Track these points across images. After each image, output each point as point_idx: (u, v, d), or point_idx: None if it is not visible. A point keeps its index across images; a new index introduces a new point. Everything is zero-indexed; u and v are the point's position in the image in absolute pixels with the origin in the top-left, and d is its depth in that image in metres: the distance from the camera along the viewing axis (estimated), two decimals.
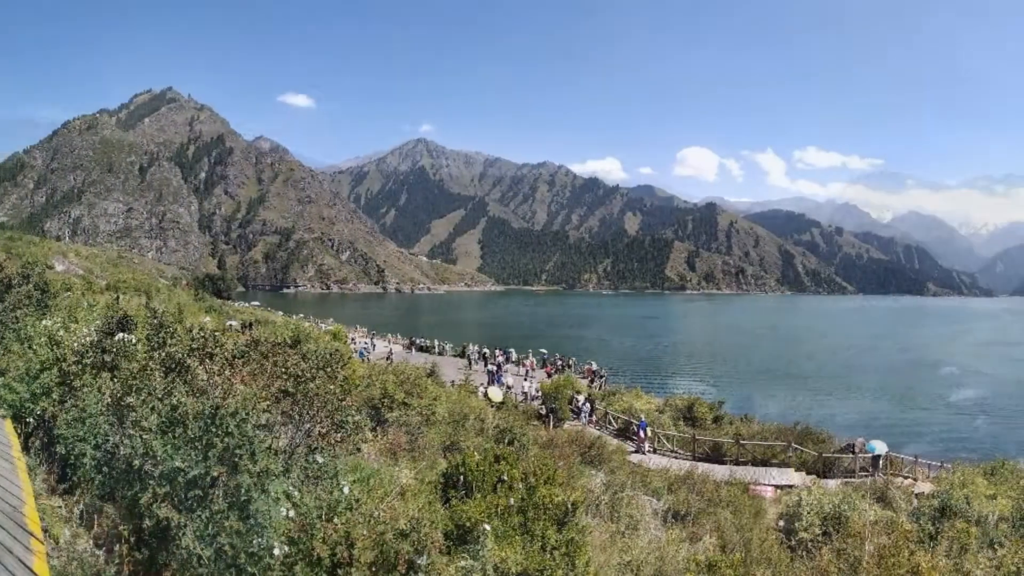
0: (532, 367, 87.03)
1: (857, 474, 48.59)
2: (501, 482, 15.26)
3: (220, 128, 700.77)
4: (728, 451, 51.76)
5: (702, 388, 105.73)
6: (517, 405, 60.15)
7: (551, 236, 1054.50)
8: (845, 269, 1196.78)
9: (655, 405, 65.56)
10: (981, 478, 39.73)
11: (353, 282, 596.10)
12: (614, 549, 19.44)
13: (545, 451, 33.23)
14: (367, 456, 19.18)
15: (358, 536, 8.13)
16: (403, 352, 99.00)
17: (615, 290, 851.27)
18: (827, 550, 17.20)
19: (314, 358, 15.21)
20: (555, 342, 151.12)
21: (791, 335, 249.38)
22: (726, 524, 28.05)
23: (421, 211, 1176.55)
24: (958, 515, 30.74)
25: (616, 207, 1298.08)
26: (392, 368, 38.44)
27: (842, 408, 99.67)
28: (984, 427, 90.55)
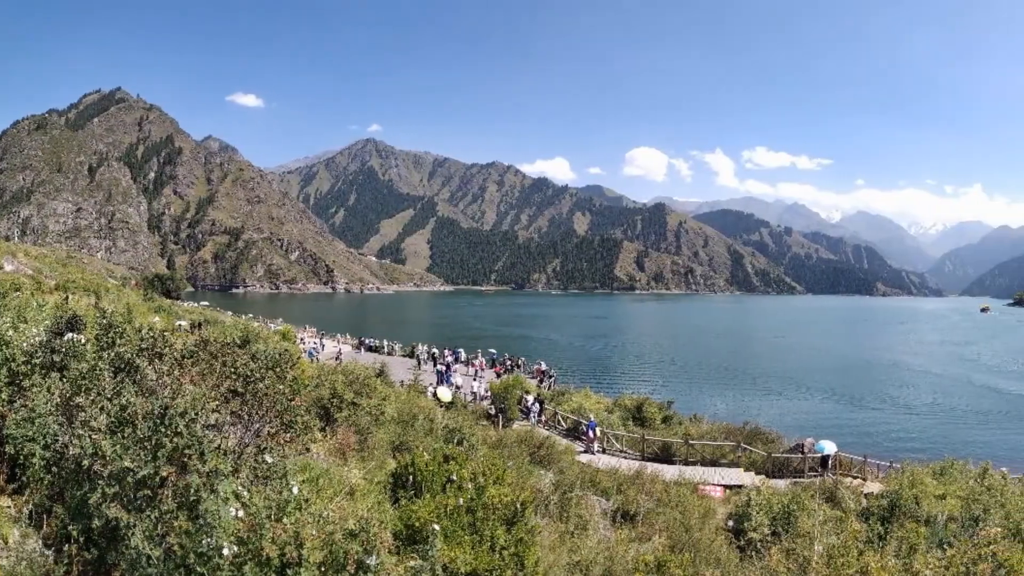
0: (481, 367, 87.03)
1: (806, 474, 49.02)
2: (450, 482, 15.34)
3: (169, 128, 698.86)
4: (677, 451, 52.04)
5: (651, 388, 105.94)
6: (466, 405, 60.25)
7: (500, 236, 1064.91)
8: (794, 269, 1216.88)
9: (604, 405, 65.74)
10: (930, 478, 40.05)
11: (302, 282, 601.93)
12: (563, 549, 19.55)
13: (494, 451, 33.30)
14: (316, 456, 19.14)
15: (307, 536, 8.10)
16: (352, 352, 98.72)
17: (564, 290, 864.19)
18: (776, 550, 17.12)
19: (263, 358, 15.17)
20: (504, 342, 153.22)
21: (740, 335, 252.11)
22: (675, 524, 28.29)
23: (370, 211, 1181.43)
24: (907, 515, 31.12)
25: (565, 207, 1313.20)
26: (341, 368, 38.20)
27: (791, 408, 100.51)
28: (933, 427, 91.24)
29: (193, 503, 8.20)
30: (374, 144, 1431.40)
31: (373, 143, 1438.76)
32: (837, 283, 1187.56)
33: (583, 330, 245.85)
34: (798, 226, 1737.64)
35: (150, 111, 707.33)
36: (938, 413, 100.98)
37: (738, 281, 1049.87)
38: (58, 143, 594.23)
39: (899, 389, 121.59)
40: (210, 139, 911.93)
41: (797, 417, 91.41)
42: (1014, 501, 32.17)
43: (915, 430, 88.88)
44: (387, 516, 13.46)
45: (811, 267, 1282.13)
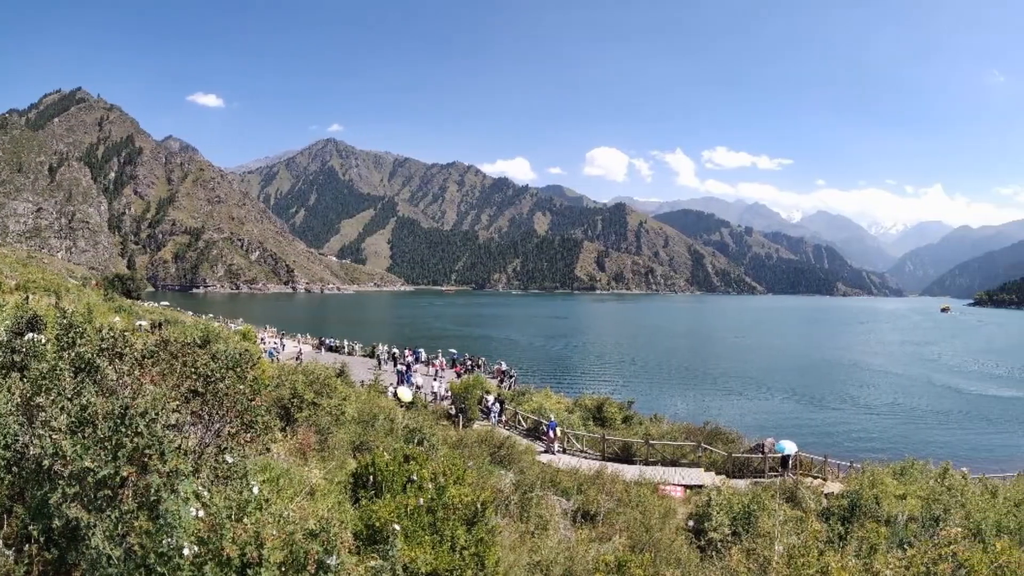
0: (442, 367, 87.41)
1: (767, 474, 49.35)
2: (411, 482, 15.32)
3: (130, 128, 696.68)
4: (638, 451, 52.26)
5: (612, 388, 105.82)
6: (427, 405, 60.39)
7: (461, 236, 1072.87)
8: (755, 269, 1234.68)
9: (565, 405, 65.94)
10: (890, 478, 40.41)
11: (263, 282, 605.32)
12: (524, 549, 19.60)
13: (455, 451, 33.36)
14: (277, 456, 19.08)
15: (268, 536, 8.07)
16: (313, 352, 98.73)
17: (525, 290, 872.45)
18: (737, 550, 17.22)
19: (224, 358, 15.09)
20: (465, 342, 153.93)
21: (701, 335, 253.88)
22: (636, 524, 28.38)
23: (331, 211, 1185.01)
24: (868, 515, 31.29)
25: (526, 207, 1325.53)
26: (302, 368, 38.08)
27: (752, 408, 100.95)
28: (894, 427, 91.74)
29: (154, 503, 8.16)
30: (334, 144, 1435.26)
31: (333, 143, 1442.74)
32: (798, 283, 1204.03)
33: (544, 330, 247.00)
34: (759, 226, 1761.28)
35: (110, 111, 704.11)
36: (898, 413, 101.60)
37: (699, 281, 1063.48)
38: (18, 143, 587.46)
39: (859, 389, 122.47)
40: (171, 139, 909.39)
41: (758, 417, 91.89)
42: (974, 501, 32.44)
43: (876, 430, 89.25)
44: (347, 516, 13.38)
45: (772, 267, 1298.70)
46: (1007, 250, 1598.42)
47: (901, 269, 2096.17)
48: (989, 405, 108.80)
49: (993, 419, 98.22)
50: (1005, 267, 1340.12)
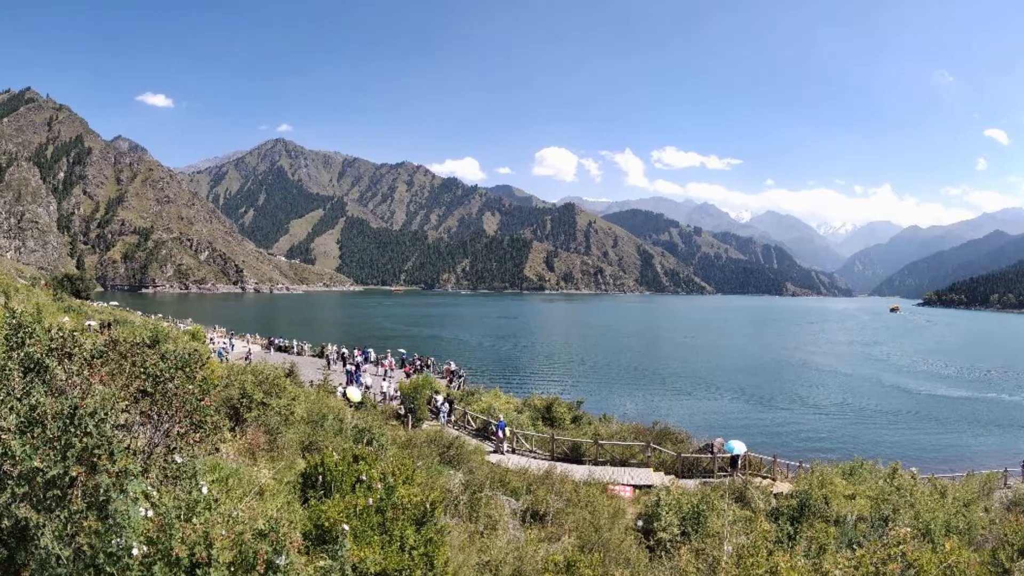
0: (391, 367, 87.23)
1: (716, 474, 49.72)
2: (360, 482, 15.28)
3: (79, 128, 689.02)
4: (587, 451, 52.57)
5: (561, 388, 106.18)
6: (376, 405, 60.40)
7: (410, 236, 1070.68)
8: (704, 269, 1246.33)
9: (514, 405, 66.02)
10: (840, 478, 40.66)
11: (212, 282, 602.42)
12: (473, 549, 19.64)
13: (404, 451, 33.55)
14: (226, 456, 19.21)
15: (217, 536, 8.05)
16: (262, 352, 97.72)
17: (474, 290, 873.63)
18: (686, 550, 17.31)
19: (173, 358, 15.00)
20: (414, 342, 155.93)
21: (650, 335, 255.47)
22: (585, 524, 28.43)
23: (280, 211, 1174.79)
24: (817, 515, 31.48)
25: (475, 207, 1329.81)
26: (251, 368, 37.86)
27: (701, 408, 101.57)
28: (843, 427, 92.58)
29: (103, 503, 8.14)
30: (284, 144, 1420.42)
31: (283, 143, 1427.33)
32: (747, 283, 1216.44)
33: (493, 330, 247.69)
34: (708, 226, 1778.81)
35: (60, 111, 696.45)
36: (848, 413, 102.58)
37: (648, 281, 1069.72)
38: None
39: (809, 389, 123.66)
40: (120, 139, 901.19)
41: (707, 417, 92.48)
42: (923, 501, 32.93)
43: (825, 430, 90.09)
44: (297, 516, 13.44)
45: (721, 267, 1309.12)
46: (956, 250, 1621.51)
47: (850, 269, 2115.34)
48: (938, 405, 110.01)
49: (942, 419, 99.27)
50: (954, 267, 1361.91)
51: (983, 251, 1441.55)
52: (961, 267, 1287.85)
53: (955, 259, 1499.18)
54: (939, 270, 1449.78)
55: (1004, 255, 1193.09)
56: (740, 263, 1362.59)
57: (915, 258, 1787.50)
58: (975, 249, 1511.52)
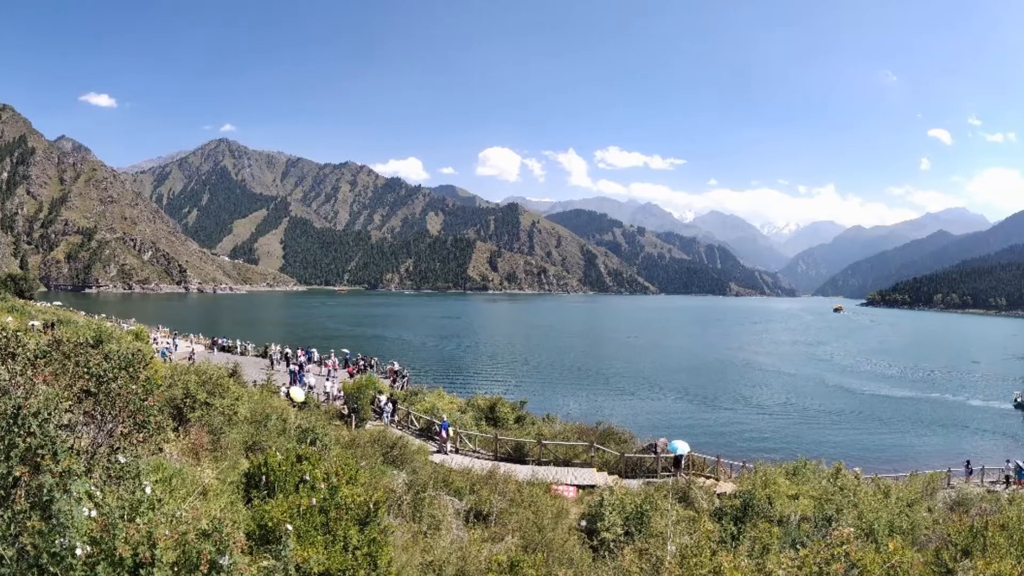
0: (334, 367, 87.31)
1: (659, 474, 49.98)
2: (303, 482, 15.28)
3: (22, 128, 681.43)
4: (530, 451, 52.58)
5: (505, 388, 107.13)
6: (319, 405, 60.15)
7: (353, 236, 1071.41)
8: (647, 269, 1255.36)
9: (458, 405, 66.23)
10: (783, 478, 41.00)
11: (155, 282, 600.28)
12: (416, 549, 19.68)
13: (347, 451, 33.62)
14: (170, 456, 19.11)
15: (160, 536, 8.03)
16: (205, 352, 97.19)
17: (417, 290, 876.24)
18: (629, 550, 17.51)
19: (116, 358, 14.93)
20: (358, 342, 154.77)
21: (593, 335, 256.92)
22: (528, 524, 28.57)
23: (223, 211, 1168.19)
24: (760, 515, 31.71)
25: (418, 207, 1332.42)
26: (194, 368, 37.66)
27: (644, 408, 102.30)
28: (786, 427, 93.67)
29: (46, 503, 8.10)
30: (227, 144, 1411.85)
31: (226, 143, 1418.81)
32: (690, 283, 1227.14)
33: (436, 330, 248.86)
34: (651, 226, 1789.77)
35: (2, 111, 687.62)
36: (791, 413, 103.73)
37: (591, 281, 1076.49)
38: None
39: (752, 389, 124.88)
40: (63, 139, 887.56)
41: (650, 417, 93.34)
42: (867, 501, 33.16)
43: (768, 430, 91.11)
44: (240, 516, 13.42)
45: (664, 267, 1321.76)
46: (899, 250, 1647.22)
47: (794, 269, 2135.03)
48: (882, 405, 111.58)
49: (886, 419, 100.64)
50: (897, 267, 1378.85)
51: (926, 251, 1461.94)
52: (904, 267, 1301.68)
53: (898, 259, 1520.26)
54: (882, 270, 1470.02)
55: (947, 255, 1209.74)
56: (683, 263, 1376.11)
57: (858, 258, 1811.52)
58: (918, 249, 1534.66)
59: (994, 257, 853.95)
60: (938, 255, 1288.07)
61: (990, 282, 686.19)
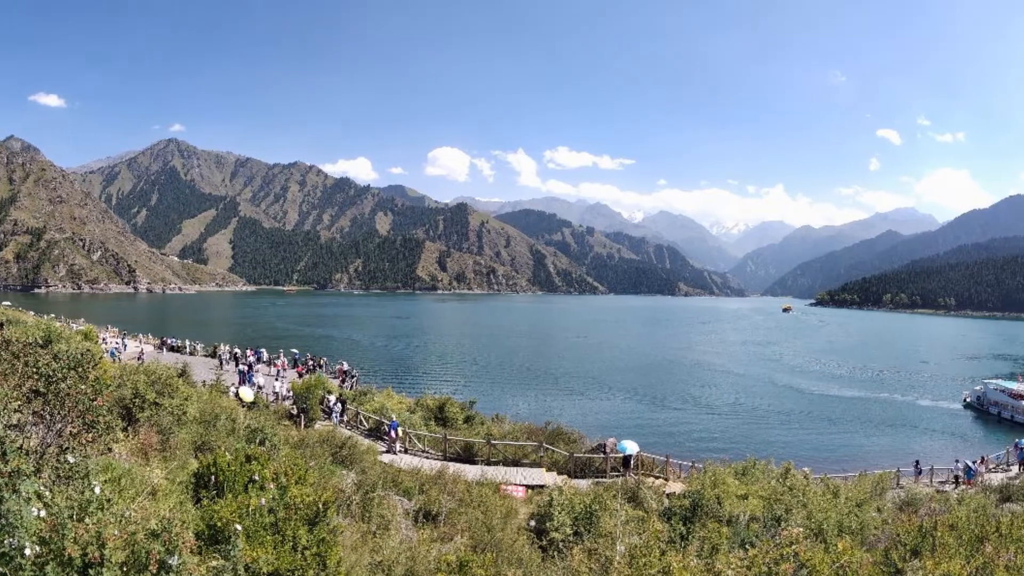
0: (283, 367, 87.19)
1: (608, 474, 50.32)
2: (252, 482, 15.38)
3: None
4: (479, 451, 52.76)
5: (454, 388, 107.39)
6: (268, 405, 59.89)
7: (302, 236, 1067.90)
8: (596, 269, 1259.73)
9: (407, 405, 66.30)
10: (732, 478, 40.99)
11: (104, 282, 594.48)
12: (365, 549, 19.73)
13: (296, 451, 33.57)
14: (119, 456, 19.04)
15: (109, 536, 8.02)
16: (154, 352, 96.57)
17: (366, 290, 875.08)
18: (578, 550, 17.35)
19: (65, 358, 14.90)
20: (306, 342, 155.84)
21: (542, 335, 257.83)
22: (477, 524, 28.61)
23: (172, 211, 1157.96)
24: (709, 515, 31.79)
25: (367, 207, 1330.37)
26: (143, 368, 37.53)
27: (593, 408, 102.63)
28: (736, 427, 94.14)
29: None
30: (176, 144, 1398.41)
31: (175, 143, 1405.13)
32: (639, 283, 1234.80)
33: (385, 330, 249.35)
34: (600, 226, 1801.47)
35: None
36: (740, 413, 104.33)
37: (540, 281, 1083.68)
38: None
39: (701, 389, 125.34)
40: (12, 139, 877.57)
41: (599, 417, 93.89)
42: (816, 501, 33.34)
43: (717, 430, 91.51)
44: (189, 516, 13.35)
45: (613, 267, 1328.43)
46: (848, 250, 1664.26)
47: (743, 269, 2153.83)
48: (831, 405, 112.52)
49: (835, 419, 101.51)
50: (846, 267, 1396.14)
51: (875, 251, 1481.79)
52: (853, 267, 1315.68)
53: (847, 259, 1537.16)
54: (832, 270, 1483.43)
55: (896, 255, 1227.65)
56: (633, 263, 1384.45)
57: (808, 258, 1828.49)
58: (867, 249, 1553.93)
59: (943, 257, 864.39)
60: (887, 255, 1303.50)
61: (939, 282, 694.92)
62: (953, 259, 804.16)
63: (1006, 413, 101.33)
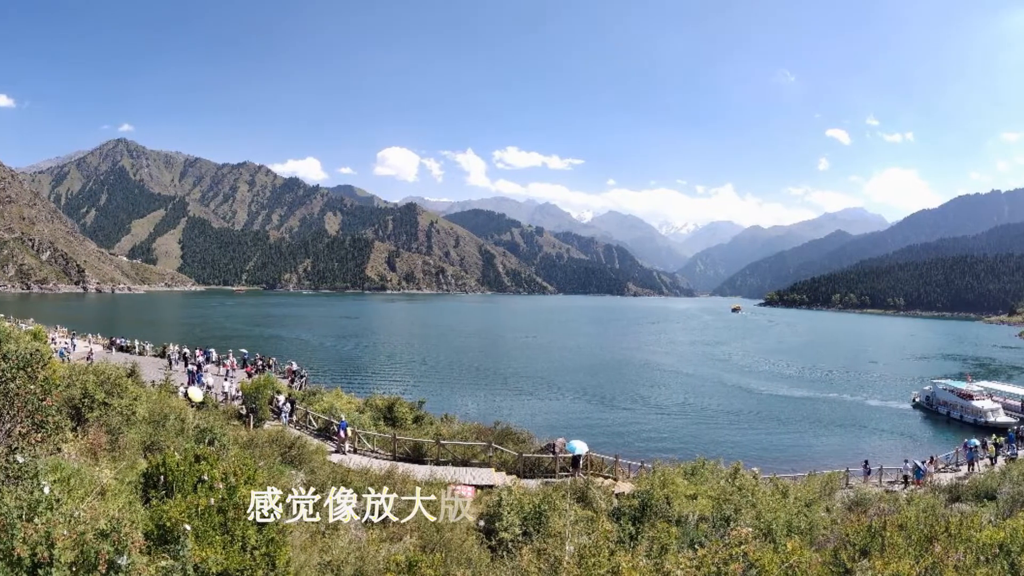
0: (232, 367, 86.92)
1: (558, 474, 50.35)
2: (201, 482, 15.29)
3: None
4: (429, 451, 52.76)
5: (403, 388, 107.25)
6: (217, 405, 59.54)
7: (251, 236, 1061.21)
8: (546, 269, 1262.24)
9: (356, 405, 66.11)
10: (681, 478, 41.44)
11: (54, 282, 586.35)
12: (314, 549, 19.76)
13: (245, 451, 33.52)
14: (68, 456, 19.01)
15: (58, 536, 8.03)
16: (104, 352, 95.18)
17: (316, 290, 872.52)
18: (527, 550, 17.37)
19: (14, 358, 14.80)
20: (255, 342, 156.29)
21: (491, 335, 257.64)
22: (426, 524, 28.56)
23: (122, 211, 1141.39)
24: (658, 515, 31.82)
25: (316, 207, 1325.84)
26: (93, 368, 37.21)
27: (542, 408, 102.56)
28: (685, 427, 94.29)
29: None
30: (125, 144, 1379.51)
31: (124, 143, 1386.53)
32: (588, 283, 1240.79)
33: (334, 330, 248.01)
34: (549, 226, 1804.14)
35: None
36: (689, 413, 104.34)
37: (489, 281, 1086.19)
38: None
39: (650, 389, 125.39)
40: None
41: (548, 417, 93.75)
42: (765, 501, 33.57)
43: (666, 430, 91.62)
44: (138, 516, 13.27)
45: (562, 267, 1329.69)
46: (797, 250, 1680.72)
47: (692, 269, 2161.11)
48: (780, 405, 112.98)
49: (784, 419, 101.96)
50: (795, 267, 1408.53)
51: (825, 251, 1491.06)
52: (803, 267, 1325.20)
53: (797, 259, 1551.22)
54: (781, 270, 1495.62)
55: (845, 255, 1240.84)
56: (582, 263, 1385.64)
57: (757, 258, 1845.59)
58: (817, 249, 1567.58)
59: (892, 257, 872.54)
60: (836, 255, 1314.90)
61: (888, 282, 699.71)
62: (902, 259, 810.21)
63: (955, 413, 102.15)
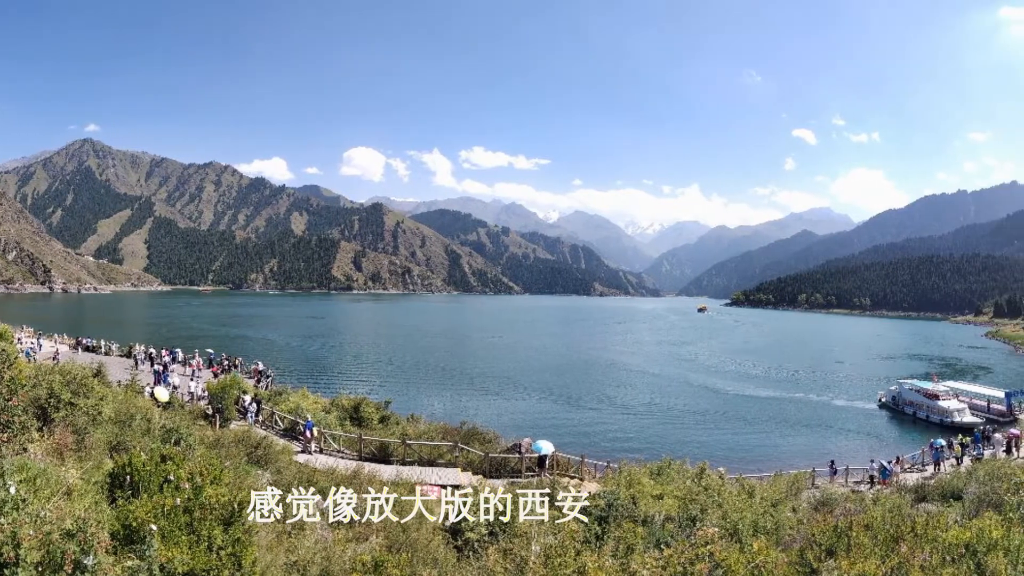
0: (199, 367, 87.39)
1: (524, 474, 50.62)
2: (168, 482, 15.22)
3: None
4: (395, 451, 52.92)
5: (369, 388, 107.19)
6: (184, 405, 59.64)
7: (217, 236, 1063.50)
8: (512, 269, 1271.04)
9: (322, 405, 66.25)
10: (648, 478, 41.96)
11: (19, 282, 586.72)
12: (281, 549, 19.54)
13: (212, 451, 33.17)
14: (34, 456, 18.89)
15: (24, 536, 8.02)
16: (70, 352, 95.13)
17: (282, 290, 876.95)
18: (494, 550, 17.40)
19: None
20: (222, 342, 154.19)
21: (457, 335, 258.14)
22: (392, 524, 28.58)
23: (88, 211, 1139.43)
24: (625, 515, 31.72)
25: (283, 207, 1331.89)
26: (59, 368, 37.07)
27: (509, 408, 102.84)
28: (651, 427, 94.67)
29: None
30: (91, 144, 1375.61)
31: (91, 143, 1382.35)
32: (555, 283, 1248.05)
33: (300, 330, 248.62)
34: (516, 226, 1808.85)
35: None
36: (655, 413, 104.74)
37: (456, 281, 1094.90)
38: None
39: (616, 389, 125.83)
40: None
41: (515, 417, 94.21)
42: (731, 501, 33.61)
43: (633, 430, 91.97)
44: (104, 516, 13.12)
45: (529, 267, 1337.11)
46: (763, 250, 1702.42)
47: (658, 269, 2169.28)
48: (746, 405, 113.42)
49: (750, 419, 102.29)
50: (762, 267, 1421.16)
51: (791, 251, 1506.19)
52: (769, 267, 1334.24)
53: (763, 259, 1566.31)
54: (747, 270, 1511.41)
55: (811, 255, 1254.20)
56: (548, 263, 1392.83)
57: (723, 258, 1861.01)
58: (783, 249, 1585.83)
59: (858, 257, 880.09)
60: (803, 255, 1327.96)
61: (854, 282, 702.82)
62: (868, 259, 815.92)
63: (921, 413, 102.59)
